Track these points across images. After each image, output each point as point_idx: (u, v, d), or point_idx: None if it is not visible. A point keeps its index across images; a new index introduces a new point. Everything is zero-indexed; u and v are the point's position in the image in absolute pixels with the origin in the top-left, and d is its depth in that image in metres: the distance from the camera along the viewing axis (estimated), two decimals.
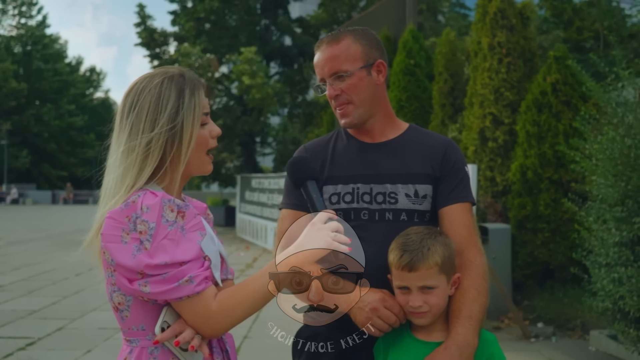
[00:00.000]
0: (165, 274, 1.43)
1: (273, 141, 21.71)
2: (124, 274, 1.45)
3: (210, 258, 1.53)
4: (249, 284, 1.52)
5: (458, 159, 1.97)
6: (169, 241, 1.45)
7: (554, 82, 7.04)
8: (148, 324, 1.51)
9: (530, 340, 5.95)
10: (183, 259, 1.45)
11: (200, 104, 1.58)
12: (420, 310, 1.70)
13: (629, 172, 4.31)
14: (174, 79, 1.57)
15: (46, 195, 44.82)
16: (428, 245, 1.71)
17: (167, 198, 1.49)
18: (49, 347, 5.67)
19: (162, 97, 1.54)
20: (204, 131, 1.60)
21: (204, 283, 1.47)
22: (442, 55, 9.05)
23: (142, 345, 1.52)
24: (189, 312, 1.47)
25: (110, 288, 1.54)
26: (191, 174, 1.64)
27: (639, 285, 4.21)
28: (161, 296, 1.45)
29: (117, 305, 1.54)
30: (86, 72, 54.52)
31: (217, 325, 1.49)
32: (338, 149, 2.02)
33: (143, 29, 20.15)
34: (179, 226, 1.48)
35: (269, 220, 13.59)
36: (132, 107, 1.55)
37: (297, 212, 1.95)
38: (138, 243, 1.43)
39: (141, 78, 1.60)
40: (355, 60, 1.91)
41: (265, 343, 5.46)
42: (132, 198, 1.47)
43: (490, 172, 7.69)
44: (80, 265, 11.13)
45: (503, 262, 6.80)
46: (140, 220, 1.43)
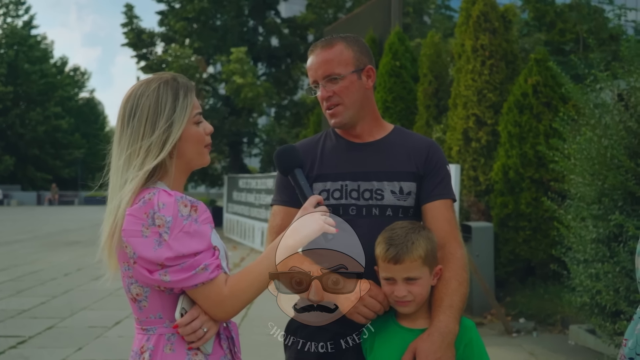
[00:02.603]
0: (183, 263, 1.56)
1: (260, 142, 21.75)
2: (145, 266, 1.58)
3: (219, 249, 1.67)
4: (255, 268, 1.67)
5: (440, 158, 2.10)
6: (184, 233, 1.58)
7: (534, 84, 7.22)
8: (165, 312, 1.64)
9: (512, 335, 6.11)
10: (197, 249, 1.58)
11: (193, 104, 1.72)
12: (405, 300, 1.84)
13: (605, 171, 4.45)
14: (169, 84, 1.70)
15: (31, 197, 44.41)
16: (412, 239, 1.84)
17: (179, 195, 1.62)
18: (40, 345, 5.74)
19: (160, 101, 1.67)
20: (199, 129, 1.74)
21: (216, 270, 1.61)
22: (426, 57, 9.19)
23: (160, 333, 1.64)
24: (204, 297, 1.61)
25: (128, 281, 1.67)
26: (192, 168, 1.79)
27: (615, 281, 4.35)
28: (179, 284, 1.58)
29: (135, 297, 1.66)
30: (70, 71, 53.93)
31: (229, 308, 1.63)
32: (327, 148, 2.14)
33: (130, 30, 20.07)
34: (193, 219, 1.61)
35: (257, 220, 13.66)
36: (133, 112, 1.67)
37: (288, 208, 2.09)
38: (158, 236, 1.56)
39: (138, 84, 1.73)
40: (347, 65, 2.04)
41: (255, 340, 5.55)
42: (147, 196, 1.60)
43: (473, 171, 7.85)
44: (67, 265, 11.16)
45: (486, 260, 6.95)
46: (158, 216, 1.56)
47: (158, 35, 20.39)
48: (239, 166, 20.45)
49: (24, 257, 12.55)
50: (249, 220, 14.60)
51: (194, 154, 1.74)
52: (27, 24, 47.67)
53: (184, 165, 1.74)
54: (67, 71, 53.40)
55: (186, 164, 1.74)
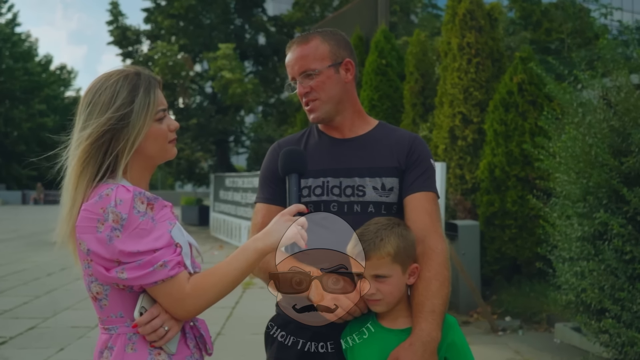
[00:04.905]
0: (140, 260, 1.52)
1: (247, 140, 21.67)
2: (101, 263, 1.53)
3: (181, 246, 1.61)
4: (221, 267, 1.62)
5: (423, 151, 2.06)
6: (141, 230, 1.53)
7: (520, 82, 7.22)
8: (126, 311, 1.60)
9: (498, 333, 6.11)
10: (155, 246, 1.54)
11: (155, 101, 1.67)
12: (374, 298, 1.79)
13: (589, 169, 4.45)
14: (129, 77, 1.66)
15: (16, 196, 44.02)
16: (382, 236, 1.80)
17: (138, 191, 1.57)
18: (21, 346, 5.65)
19: (114, 94, 1.63)
20: (162, 125, 1.69)
21: (177, 267, 1.56)
22: (413, 56, 9.18)
23: (121, 332, 1.60)
24: (164, 295, 1.56)
25: (88, 279, 1.62)
26: (156, 164, 1.74)
27: (599, 279, 4.35)
28: (137, 281, 1.53)
29: (96, 295, 1.61)
30: (57, 70, 53.48)
31: (191, 307, 1.58)
32: (310, 145, 2.11)
33: (115, 27, 19.92)
34: (150, 217, 1.56)
35: (243, 219, 13.60)
36: (88, 105, 1.64)
37: (270, 206, 2.07)
38: (110, 231, 1.51)
39: (99, 77, 1.69)
40: (323, 60, 2.02)
41: (239, 339, 5.51)
42: (105, 191, 1.55)
43: (459, 170, 7.85)
44: (51, 265, 11.04)
45: (472, 258, 6.95)
46: (113, 212, 1.52)
47: (144, 33, 20.25)
48: (225, 165, 20.37)
49: (8, 256, 12.41)
50: (235, 219, 14.53)
51: (156, 151, 1.70)
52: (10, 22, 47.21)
53: (145, 161, 1.70)
54: (54, 69, 52.95)
55: (148, 160, 1.71)
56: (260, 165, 2.29)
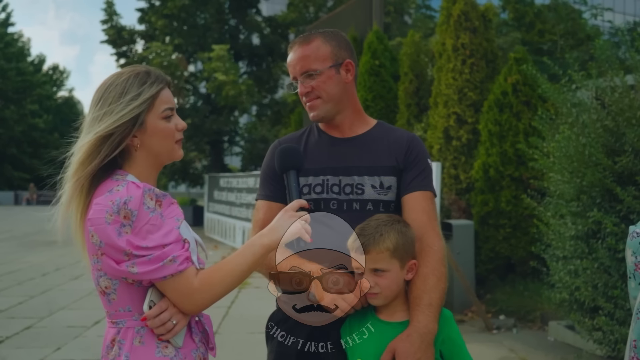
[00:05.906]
0: (150, 255, 1.55)
1: (241, 140, 21.66)
2: (112, 255, 1.57)
3: (189, 242, 1.65)
4: (228, 263, 1.66)
5: (420, 151, 2.11)
6: (150, 226, 1.57)
7: (514, 82, 7.28)
8: (134, 305, 1.63)
9: (492, 332, 6.16)
10: (165, 241, 1.57)
11: (163, 99, 1.71)
12: (372, 291, 1.84)
13: (583, 168, 4.50)
14: (139, 76, 1.70)
15: (8, 196, 43.76)
16: (381, 231, 1.85)
17: (148, 187, 1.61)
18: (18, 346, 5.66)
19: (124, 90, 1.67)
20: (170, 124, 1.73)
21: (185, 262, 1.60)
22: (407, 56, 9.23)
23: (129, 326, 1.63)
24: (172, 290, 1.60)
25: (97, 274, 1.65)
26: (163, 163, 1.78)
27: (593, 277, 4.40)
28: (147, 276, 1.57)
29: (104, 289, 1.64)
30: (49, 70, 53.23)
31: (199, 301, 1.62)
32: (310, 143, 2.15)
33: (110, 27, 19.87)
34: (158, 213, 1.60)
35: (238, 219, 13.61)
36: (99, 101, 1.68)
37: (271, 203, 2.11)
38: (120, 226, 1.55)
39: (111, 75, 1.73)
40: (324, 60, 2.05)
41: (235, 338, 5.53)
42: (116, 187, 1.59)
43: (454, 170, 7.90)
44: (46, 265, 11.02)
45: (466, 257, 7.00)
46: (124, 207, 1.55)
47: (138, 33, 20.21)
48: (220, 165, 20.35)
49: (1, 257, 12.37)
50: (229, 219, 14.54)
51: (162, 148, 1.73)
52: (3, 22, 46.96)
53: (152, 159, 1.73)
54: (46, 70, 52.69)
55: (154, 157, 1.74)
56: (254, 166, 2.32)
